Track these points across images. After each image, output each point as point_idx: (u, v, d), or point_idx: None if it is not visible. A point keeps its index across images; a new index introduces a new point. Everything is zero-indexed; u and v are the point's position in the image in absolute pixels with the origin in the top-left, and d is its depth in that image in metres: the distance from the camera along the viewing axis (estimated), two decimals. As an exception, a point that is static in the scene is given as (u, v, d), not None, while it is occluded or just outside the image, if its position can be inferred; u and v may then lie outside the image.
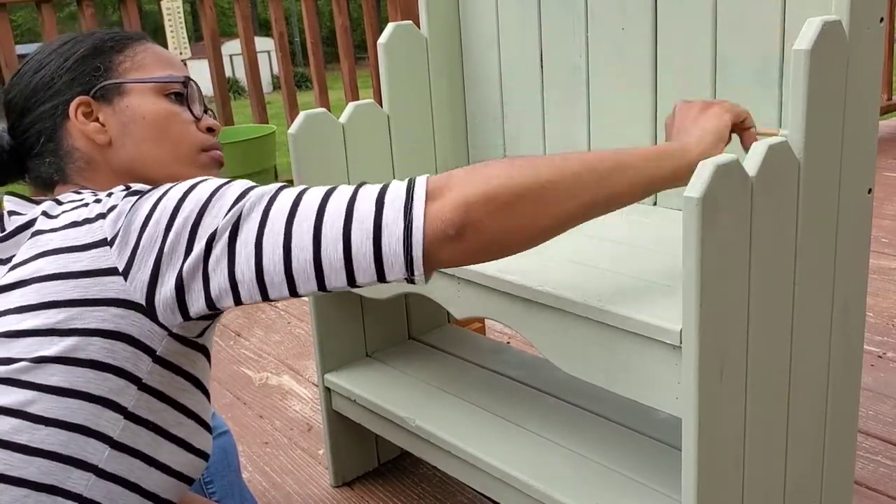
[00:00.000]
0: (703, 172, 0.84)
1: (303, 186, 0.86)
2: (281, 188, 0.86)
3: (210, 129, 1.04)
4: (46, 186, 0.99)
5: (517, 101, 1.55)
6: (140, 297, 0.83)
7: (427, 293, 1.25)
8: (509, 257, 0.87)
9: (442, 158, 1.63)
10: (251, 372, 2.18)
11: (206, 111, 1.06)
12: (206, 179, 0.87)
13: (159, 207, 0.84)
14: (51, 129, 0.97)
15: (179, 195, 0.85)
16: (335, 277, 0.83)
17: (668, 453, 1.20)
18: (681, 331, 0.90)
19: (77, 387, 0.81)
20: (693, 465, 0.92)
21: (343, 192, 0.84)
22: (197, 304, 0.84)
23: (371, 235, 0.81)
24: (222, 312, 0.89)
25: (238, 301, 0.85)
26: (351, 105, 1.48)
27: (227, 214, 0.83)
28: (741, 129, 1.02)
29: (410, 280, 0.83)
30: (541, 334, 1.08)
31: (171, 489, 0.90)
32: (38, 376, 0.80)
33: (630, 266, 1.10)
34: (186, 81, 1.02)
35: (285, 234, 0.82)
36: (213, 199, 0.84)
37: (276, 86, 17.70)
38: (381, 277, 0.83)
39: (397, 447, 1.63)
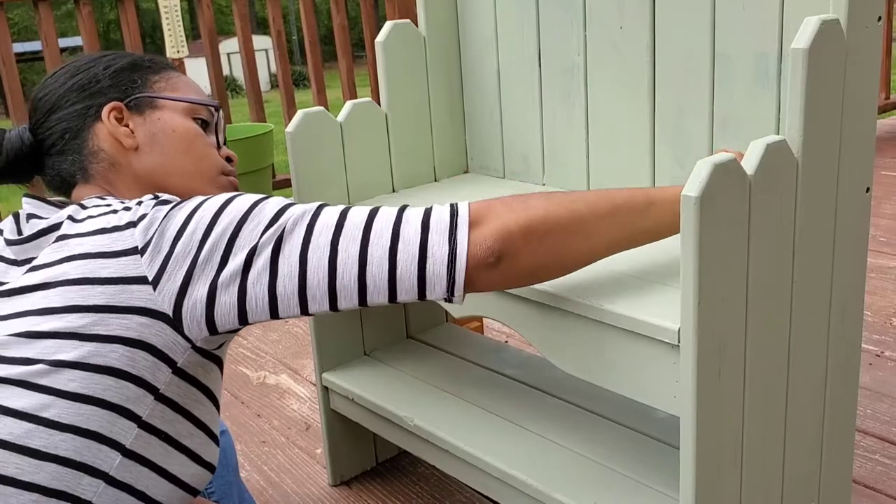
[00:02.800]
0: (702, 171, 0.84)
1: (345, 205, 0.89)
2: (322, 206, 0.88)
3: (228, 159, 1.09)
4: (64, 185, 1.01)
5: (515, 100, 1.55)
6: (168, 308, 0.83)
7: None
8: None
9: (440, 157, 1.63)
10: (249, 371, 2.18)
11: (225, 143, 1.11)
12: (242, 194, 0.89)
13: (195, 218, 0.85)
14: (78, 127, 0.99)
15: (216, 207, 0.86)
16: (378, 294, 0.85)
17: (666, 452, 1.20)
18: (679, 329, 0.90)
19: (94, 393, 0.81)
20: (691, 463, 0.92)
21: (388, 213, 0.87)
22: (226, 318, 0.84)
23: (416, 257, 0.84)
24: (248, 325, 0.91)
25: (275, 315, 0.86)
26: (349, 104, 1.48)
27: (266, 229, 0.84)
28: None
29: (449, 300, 0.86)
30: (539, 333, 1.08)
31: (176, 499, 0.90)
32: (55, 381, 0.80)
33: (628, 265, 1.10)
34: (217, 108, 1.07)
35: (331, 249, 0.84)
36: (252, 212, 0.85)
37: (273, 84, 17.68)
38: (422, 296, 0.86)
39: (395, 446, 1.63)
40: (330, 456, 1.61)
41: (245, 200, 0.87)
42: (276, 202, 0.88)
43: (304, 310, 0.86)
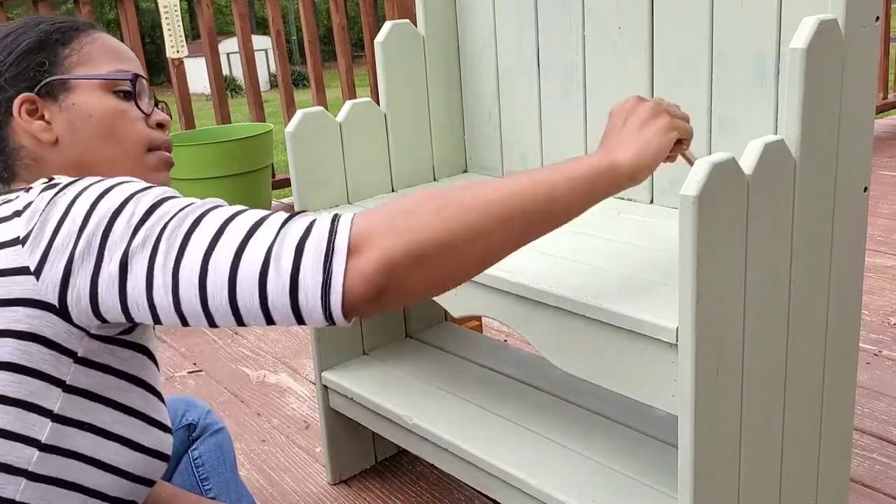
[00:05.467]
0: (700, 171, 0.84)
1: (230, 211, 0.81)
2: (206, 211, 0.81)
3: (160, 125, 1.00)
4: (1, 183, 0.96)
5: (514, 99, 1.56)
6: (52, 298, 0.79)
7: (424, 291, 1.25)
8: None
9: (439, 156, 1.64)
10: (249, 370, 2.18)
11: (156, 104, 1.02)
12: (124, 182, 0.83)
13: (73, 209, 0.80)
14: None
15: (94, 197, 0.81)
16: (253, 319, 0.79)
17: (665, 450, 1.20)
18: (677, 328, 0.90)
19: None
20: (689, 462, 0.92)
21: (268, 230, 0.79)
22: (113, 315, 0.80)
23: (287, 288, 0.77)
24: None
25: (158, 322, 0.81)
26: (348, 103, 1.48)
27: (139, 227, 0.79)
28: (678, 145, 0.98)
29: (331, 324, 0.79)
30: (538, 332, 1.08)
31: (121, 489, 0.88)
32: None
33: (627, 264, 1.10)
34: (135, 78, 0.97)
35: (201, 268, 0.78)
36: (126, 206, 0.80)
37: (273, 84, 17.69)
38: (301, 323, 0.79)
39: (394, 445, 1.63)
40: (329, 455, 1.61)
41: (123, 191, 0.81)
42: (153, 195, 0.82)
43: (185, 323, 0.80)
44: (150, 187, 0.83)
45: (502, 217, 0.81)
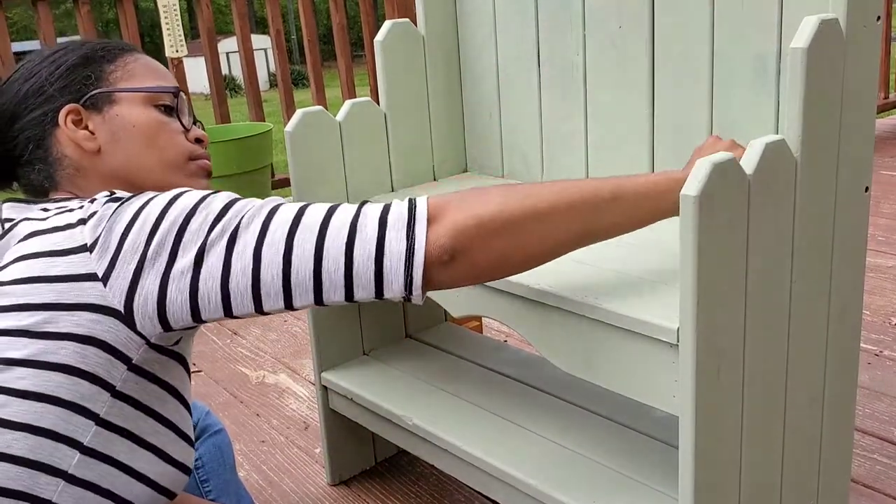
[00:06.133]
0: (700, 171, 0.84)
1: (303, 202, 0.87)
2: (280, 203, 0.86)
3: (199, 140, 1.04)
4: (38, 194, 0.99)
5: (514, 99, 1.55)
6: (118, 304, 0.82)
7: (424, 291, 1.25)
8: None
9: (439, 156, 1.63)
10: (248, 370, 2.18)
11: (195, 122, 1.07)
12: (190, 190, 0.87)
13: (143, 214, 0.83)
14: (39, 136, 0.97)
15: (164, 203, 0.84)
16: (334, 292, 0.83)
17: (666, 451, 1.20)
18: (678, 329, 0.90)
19: (46, 391, 0.80)
20: (690, 462, 0.92)
21: (346, 210, 0.85)
22: (179, 314, 0.83)
23: (373, 254, 0.82)
24: (204, 323, 0.88)
25: (229, 312, 0.84)
26: (348, 103, 1.48)
27: (215, 223, 0.82)
28: None
29: (407, 299, 0.85)
30: (538, 332, 1.08)
31: (148, 499, 0.89)
32: (5, 379, 0.79)
33: (627, 264, 1.10)
34: (177, 92, 1.02)
35: (286, 245, 0.82)
36: (200, 206, 0.84)
37: (272, 83, 17.69)
38: (380, 295, 0.84)
39: (394, 445, 1.63)
40: (329, 455, 1.61)
41: (193, 195, 0.85)
42: (224, 196, 0.86)
43: (259, 308, 0.84)
44: (217, 192, 0.87)
45: (565, 205, 0.88)
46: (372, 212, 0.85)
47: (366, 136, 1.50)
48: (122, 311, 0.82)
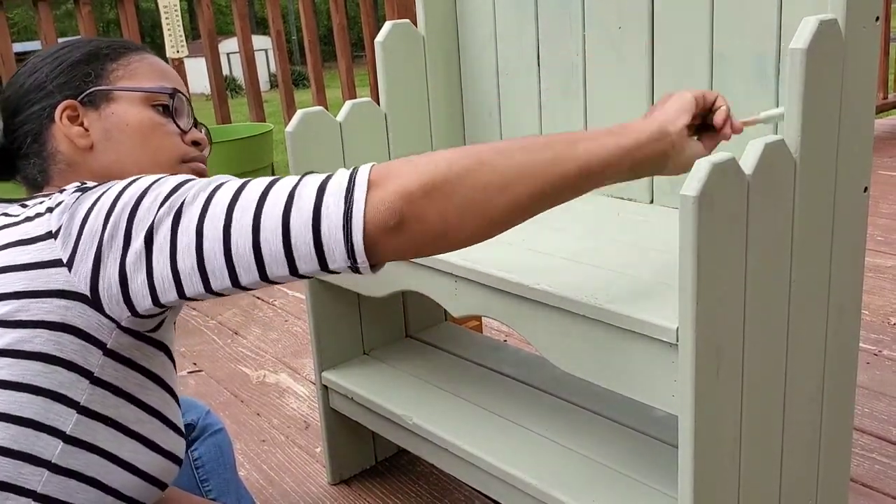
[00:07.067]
0: (700, 171, 0.84)
1: (251, 177, 0.85)
2: (229, 179, 0.85)
3: (196, 143, 1.04)
4: (33, 187, 1.00)
5: (514, 100, 1.56)
6: (84, 288, 0.82)
7: (425, 291, 1.25)
8: (503, 255, 0.87)
9: (439, 157, 1.63)
10: (249, 370, 2.19)
11: (195, 125, 1.06)
12: (147, 175, 0.86)
13: (101, 199, 0.83)
14: (37, 130, 0.97)
15: (121, 187, 0.84)
16: (276, 266, 0.81)
17: (665, 450, 1.20)
18: (677, 329, 0.90)
19: (24, 380, 0.80)
20: (689, 462, 0.92)
21: (287, 181, 0.83)
22: (142, 299, 0.82)
23: (310, 222, 0.79)
24: (172, 308, 0.87)
25: (182, 295, 0.82)
26: (348, 103, 1.48)
27: (164, 203, 0.81)
28: (710, 105, 1.00)
29: (356, 269, 0.81)
30: (538, 332, 1.08)
31: (135, 488, 0.89)
32: None
33: (627, 264, 1.10)
34: (174, 93, 1.01)
35: (225, 219, 0.80)
36: (152, 188, 0.83)
37: (273, 84, 17.68)
38: (324, 266, 0.80)
39: (394, 445, 1.63)
40: (329, 454, 1.61)
41: (148, 179, 0.85)
42: (176, 178, 0.85)
43: (208, 288, 0.82)
44: (173, 175, 0.86)
45: (519, 154, 0.83)
46: (312, 181, 0.82)
47: (366, 137, 1.51)
48: (90, 295, 0.82)
